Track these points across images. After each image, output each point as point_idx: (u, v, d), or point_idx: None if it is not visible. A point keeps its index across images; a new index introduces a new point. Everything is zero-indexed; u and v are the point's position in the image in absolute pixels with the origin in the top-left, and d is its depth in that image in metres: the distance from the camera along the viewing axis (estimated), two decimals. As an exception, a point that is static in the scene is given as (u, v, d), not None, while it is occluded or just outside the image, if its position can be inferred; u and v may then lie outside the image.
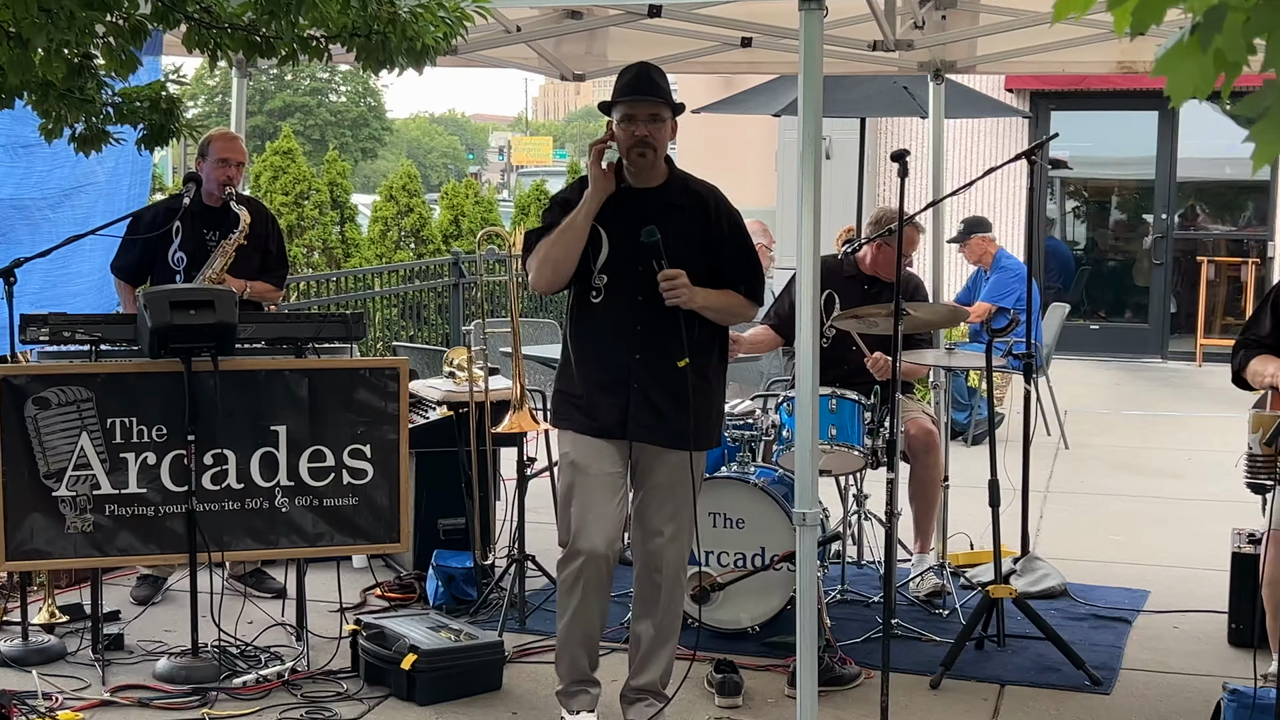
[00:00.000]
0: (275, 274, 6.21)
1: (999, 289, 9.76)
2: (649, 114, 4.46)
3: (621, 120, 4.46)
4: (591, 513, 4.50)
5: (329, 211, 14.03)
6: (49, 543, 4.86)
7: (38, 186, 6.07)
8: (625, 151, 4.47)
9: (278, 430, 5.04)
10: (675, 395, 4.51)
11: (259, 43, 2.93)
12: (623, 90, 4.48)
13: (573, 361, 4.62)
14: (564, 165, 28.81)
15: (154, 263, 6.02)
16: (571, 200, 4.56)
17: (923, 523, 6.18)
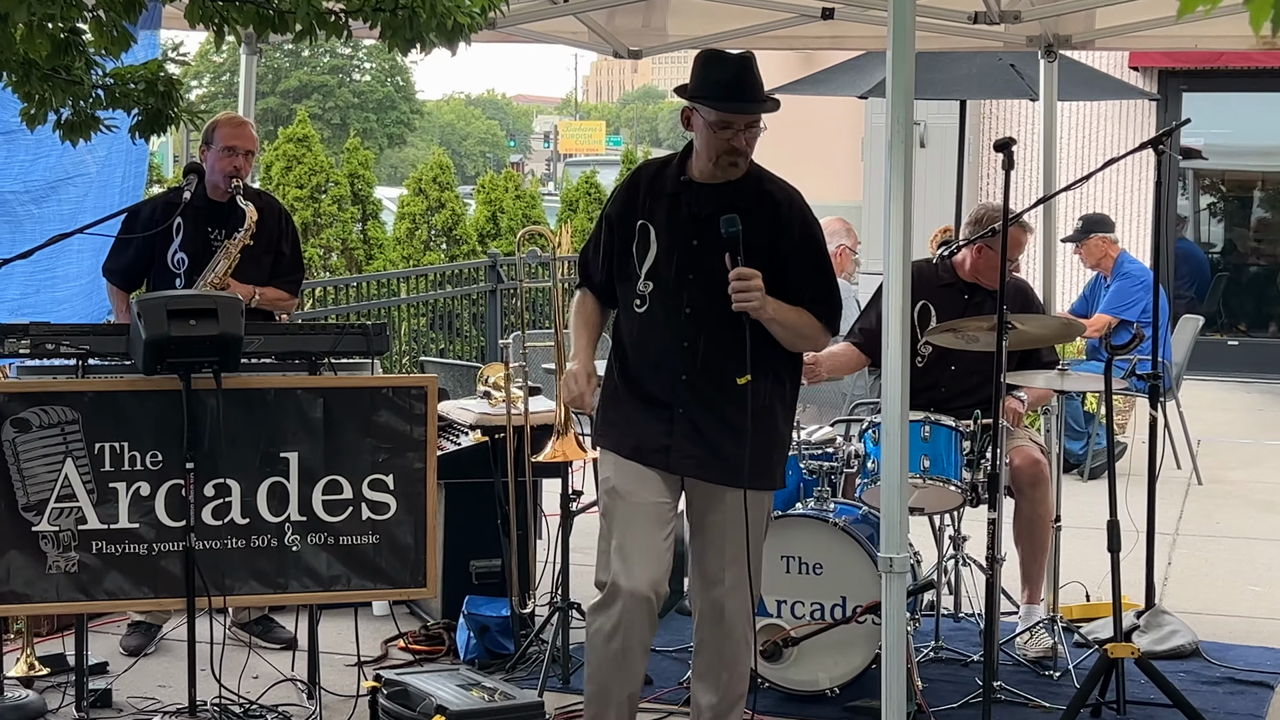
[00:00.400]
0: (288, 279, 6.26)
1: (1121, 299, 9.69)
2: (749, 122, 4.47)
3: (715, 124, 4.45)
4: (633, 547, 4.50)
5: (349, 207, 14.13)
6: (28, 584, 4.89)
7: (20, 178, 6.16)
8: (713, 157, 4.48)
9: (288, 458, 5.06)
10: (728, 424, 4.50)
11: (270, 17, 2.95)
12: (721, 93, 4.45)
13: (616, 371, 4.67)
14: (618, 153, 28.88)
15: (151, 265, 6.09)
16: (616, 223, 4.64)
17: (1031, 569, 6.13)
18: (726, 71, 4.46)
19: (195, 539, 4.91)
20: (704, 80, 4.48)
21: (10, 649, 5.64)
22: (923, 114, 14.35)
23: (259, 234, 6.10)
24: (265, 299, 6.08)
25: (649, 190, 4.62)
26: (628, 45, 7.21)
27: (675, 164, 4.63)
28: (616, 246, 4.64)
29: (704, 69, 4.50)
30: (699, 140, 4.52)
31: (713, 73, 4.48)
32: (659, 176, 4.64)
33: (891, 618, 4.26)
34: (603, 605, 4.55)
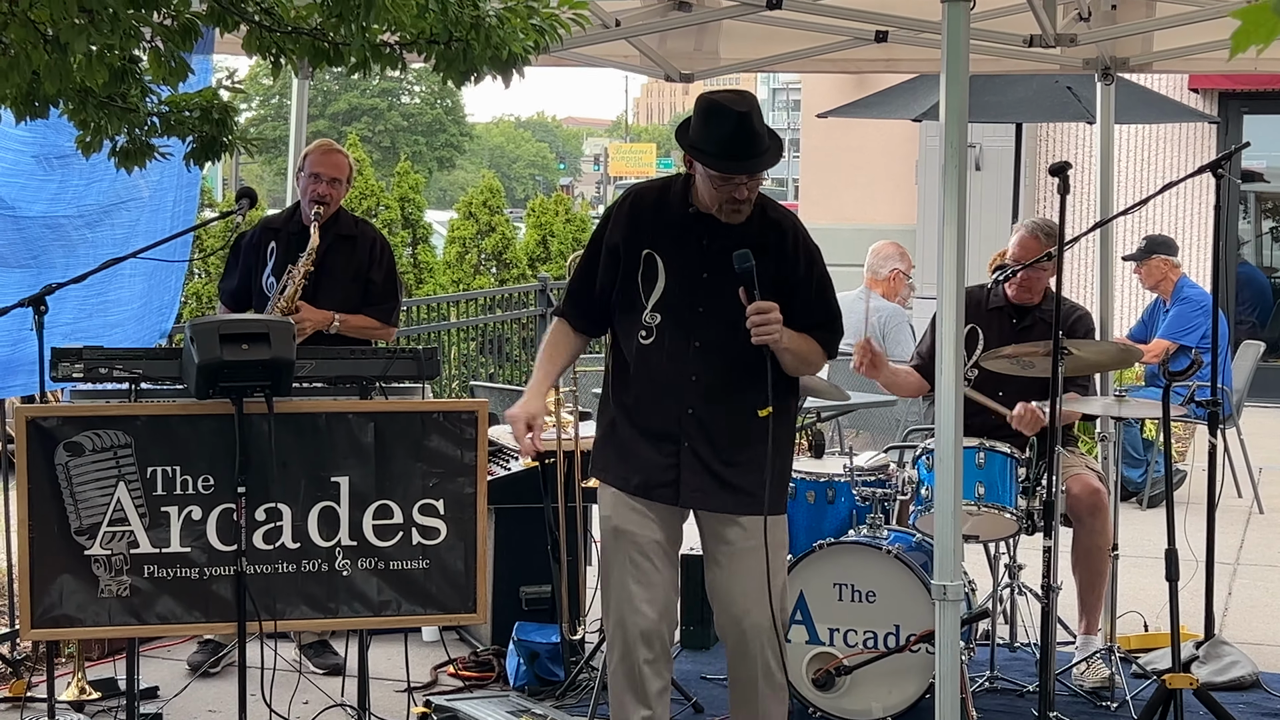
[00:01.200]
0: (381, 307, 6.31)
1: (1180, 324, 9.66)
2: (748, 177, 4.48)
3: (716, 180, 4.44)
4: (636, 587, 4.55)
5: (400, 231, 14.24)
6: (80, 608, 4.94)
7: (74, 203, 6.24)
8: (715, 205, 4.49)
9: (339, 482, 5.10)
10: (732, 455, 4.55)
11: (326, 49, 3.00)
12: (719, 150, 4.39)
13: (612, 404, 4.67)
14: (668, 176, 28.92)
15: (253, 288, 6.22)
16: (621, 251, 4.61)
17: (1088, 599, 6.12)
18: (725, 127, 4.39)
19: (246, 563, 4.92)
20: (704, 134, 4.42)
21: (61, 673, 5.71)
22: (979, 136, 14.37)
23: (349, 261, 6.19)
24: (349, 325, 6.14)
25: (653, 219, 4.60)
26: (679, 69, 7.26)
27: (677, 191, 4.61)
28: (619, 275, 4.61)
29: (704, 121, 4.43)
30: (702, 186, 4.50)
31: (713, 128, 4.41)
32: (661, 205, 4.61)
33: (945, 646, 4.27)
34: (614, 645, 4.59)
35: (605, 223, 4.70)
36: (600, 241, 4.68)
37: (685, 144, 4.49)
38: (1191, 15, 6.00)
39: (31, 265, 6.09)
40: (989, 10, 5.95)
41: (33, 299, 5.26)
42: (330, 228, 6.17)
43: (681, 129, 4.52)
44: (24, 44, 2.85)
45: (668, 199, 4.61)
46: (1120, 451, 7.30)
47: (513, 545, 6.35)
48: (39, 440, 4.86)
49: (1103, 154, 6.75)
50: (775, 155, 4.47)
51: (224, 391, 4.85)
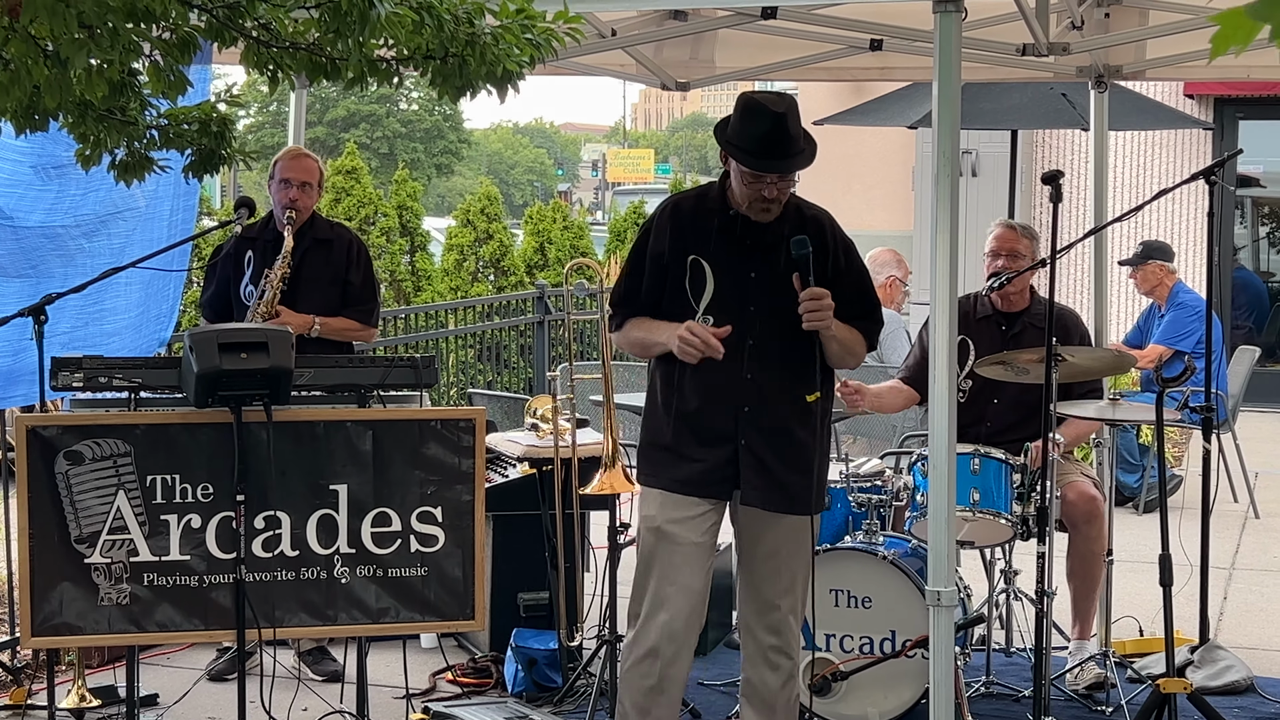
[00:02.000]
0: (360, 308, 6.34)
1: (1175, 330, 9.69)
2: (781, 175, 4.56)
3: (747, 176, 4.53)
4: (674, 587, 4.59)
5: (397, 239, 14.27)
6: (80, 616, 4.97)
7: (70, 212, 6.27)
8: (745, 203, 4.58)
9: (337, 490, 5.13)
10: (787, 452, 4.62)
11: (323, 64, 3.03)
12: (756, 147, 4.50)
13: (661, 410, 4.71)
14: (666, 182, 28.97)
15: (232, 298, 6.24)
16: (668, 260, 4.63)
17: (1082, 604, 6.15)
18: (762, 125, 4.50)
19: (245, 571, 4.96)
20: (741, 131, 4.54)
21: (62, 680, 5.73)
22: (975, 143, 14.41)
23: (326, 264, 6.22)
24: (329, 329, 6.17)
25: (694, 225, 4.67)
26: (675, 77, 7.29)
27: (715, 196, 4.70)
28: (668, 284, 4.67)
29: (742, 119, 4.55)
30: (737, 184, 4.60)
31: (750, 126, 4.52)
32: (700, 211, 4.70)
33: (939, 651, 4.30)
34: (638, 642, 4.63)
35: (646, 236, 4.74)
36: (644, 254, 4.72)
37: (722, 140, 4.59)
38: (1184, 23, 6.04)
39: (30, 275, 6.12)
40: (982, 19, 6.00)
41: (33, 309, 5.29)
42: (306, 232, 6.20)
43: (720, 126, 4.63)
44: (25, 59, 2.88)
45: (706, 205, 4.69)
46: (1116, 457, 7.34)
47: (511, 552, 6.37)
48: (39, 449, 4.89)
49: (1097, 160, 6.78)
50: (809, 158, 4.58)
51: (223, 400, 4.88)
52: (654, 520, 4.68)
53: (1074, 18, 5.84)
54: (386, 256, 14.12)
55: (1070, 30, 5.95)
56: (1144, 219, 14.04)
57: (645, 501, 4.76)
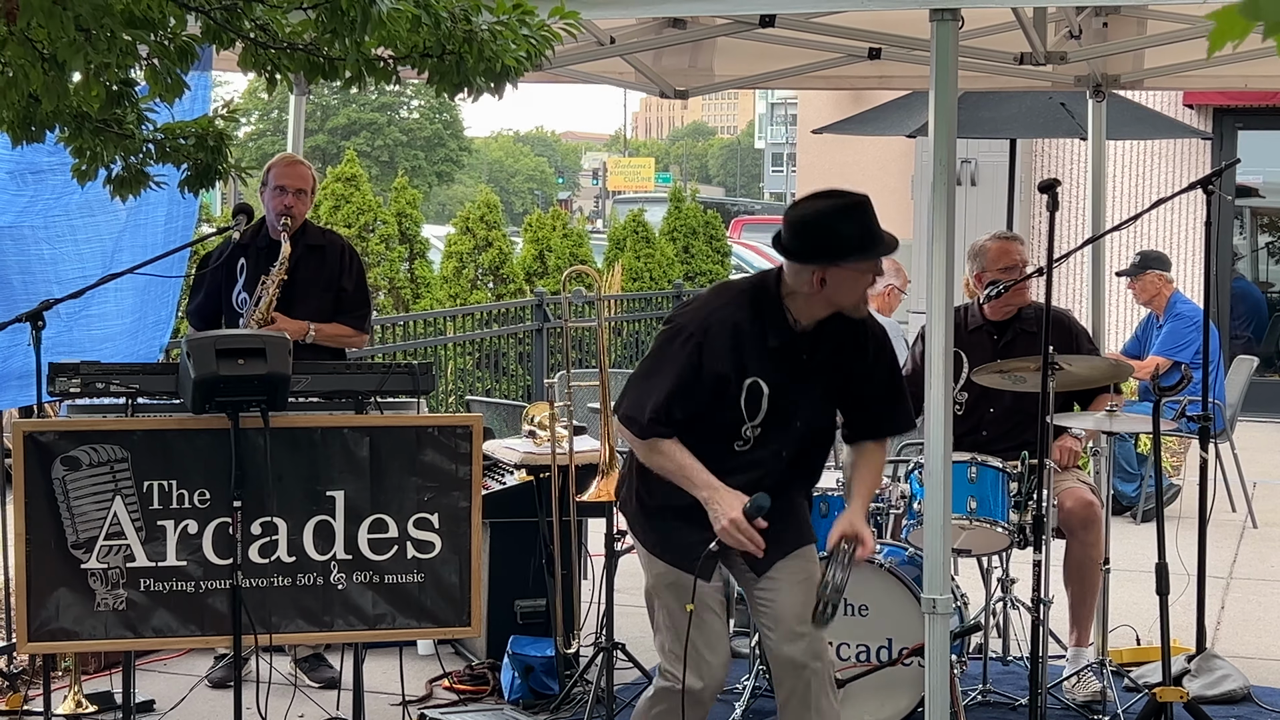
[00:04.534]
0: (353, 314, 6.35)
1: (1174, 340, 9.69)
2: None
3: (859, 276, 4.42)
4: (704, 642, 4.54)
5: (397, 246, 14.26)
6: (76, 621, 4.98)
7: (41, 214, 6.26)
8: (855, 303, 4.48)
9: (334, 496, 5.14)
10: (790, 519, 4.62)
11: (321, 64, 3.04)
12: (868, 244, 4.39)
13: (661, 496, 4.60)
14: (666, 191, 29.00)
15: (223, 305, 6.24)
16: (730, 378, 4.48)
17: (1079, 612, 6.15)
18: (859, 218, 4.42)
19: (242, 577, 4.96)
20: (847, 233, 4.39)
21: (58, 686, 5.74)
22: (973, 152, 14.43)
23: (319, 271, 6.23)
24: (324, 335, 6.18)
25: (756, 348, 4.51)
26: (674, 85, 7.30)
27: (772, 315, 4.53)
28: (724, 399, 4.52)
29: (835, 222, 4.42)
30: (844, 292, 4.42)
31: (847, 224, 4.41)
32: (759, 332, 4.52)
33: (935, 659, 4.31)
34: (665, 696, 4.59)
35: (698, 352, 4.48)
36: (697, 371, 4.48)
37: (826, 259, 4.37)
38: (1182, 33, 6.05)
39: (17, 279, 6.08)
40: (980, 29, 6.01)
41: (30, 314, 5.29)
42: (298, 239, 6.20)
43: (804, 249, 4.42)
44: (21, 62, 2.89)
45: (763, 325, 4.52)
46: (1113, 466, 7.34)
47: (507, 559, 6.38)
48: (36, 455, 4.90)
49: (1095, 170, 6.79)
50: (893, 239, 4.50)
51: (220, 406, 4.88)
52: (664, 578, 4.61)
53: (1072, 27, 5.85)
54: (385, 264, 14.11)
55: (1068, 39, 5.96)
56: (1142, 228, 14.06)
57: (653, 562, 4.66)
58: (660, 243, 17.17)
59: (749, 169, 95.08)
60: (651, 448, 4.51)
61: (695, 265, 17.40)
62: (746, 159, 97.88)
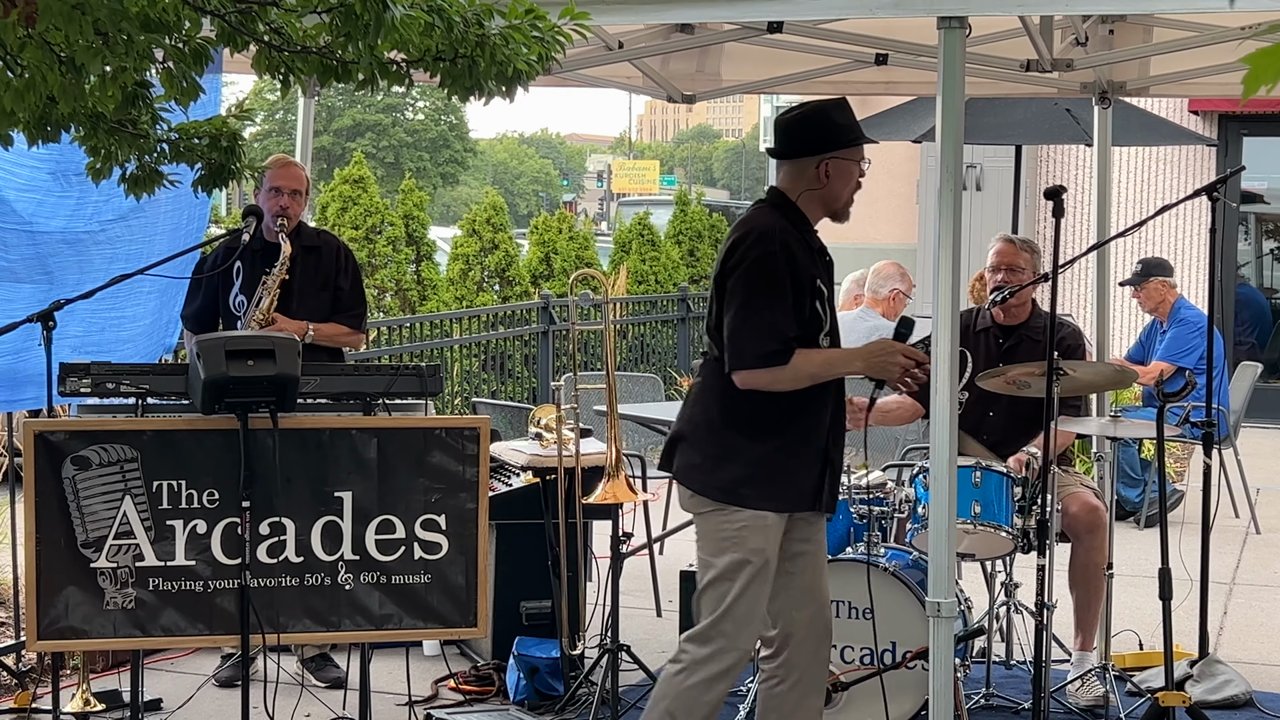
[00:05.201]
0: (350, 314, 6.37)
1: (1178, 346, 9.70)
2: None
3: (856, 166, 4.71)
4: (758, 611, 4.65)
5: (404, 248, 14.30)
6: (85, 620, 5.00)
7: (94, 218, 6.28)
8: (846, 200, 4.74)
9: (342, 497, 5.16)
10: (842, 454, 4.80)
11: (335, 67, 3.07)
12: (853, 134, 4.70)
13: (764, 430, 4.63)
14: (671, 194, 29.01)
15: (220, 309, 6.26)
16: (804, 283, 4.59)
17: (1083, 617, 6.17)
18: (848, 111, 4.74)
19: (250, 577, 4.97)
20: (846, 124, 4.70)
21: (66, 684, 5.75)
22: (979, 157, 14.45)
23: (316, 271, 6.25)
24: (322, 335, 6.20)
25: (804, 251, 4.65)
26: (681, 90, 7.32)
27: (795, 219, 4.69)
28: (805, 307, 4.62)
29: (833, 116, 4.69)
30: (841, 185, 4.68)
31: (845, 117, 4.71)
32: (791, 234, 4.65)
33: (939, 662, 4.32)
34: (719, 656, 4.62)
35: (776, 261, 4.57)
36: (794, 276, 4.58)
37: (830, 146, 4.65)
38: (1188, 40, 6.07)
39: (42, 280, 6.12)
40: (986, 35, 6.03)
41: (41, 314, 5.31)
42: (294, 240, 6.21)
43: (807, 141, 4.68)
44: (40, 65, 2.92)
45: (792, 225, 4.68)
46: (1116, 471, 7.36)
47: (513, 560, 6.40)
48: (47, 454, 4.92)
49: (1100, 176, 6.81)
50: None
51: (229, 407, 4.90)
52: (764, 554, 4.60)
53: (1078, 34, 5.86)
54: (392, 265, 14.15)
55: (1074, 46, 5.97)
56: (1147, 235, 14.07)
57: (753, 531, 4.61)
58: (666, 246, 17.20)
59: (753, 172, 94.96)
60: (794, 366, 4.54)
61: (701, 268, 17.43)
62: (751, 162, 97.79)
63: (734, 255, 4.62)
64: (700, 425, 4.74)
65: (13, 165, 5.91)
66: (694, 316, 14.85)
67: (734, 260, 4.61)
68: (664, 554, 8.13)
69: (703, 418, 4.74)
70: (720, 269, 4.67)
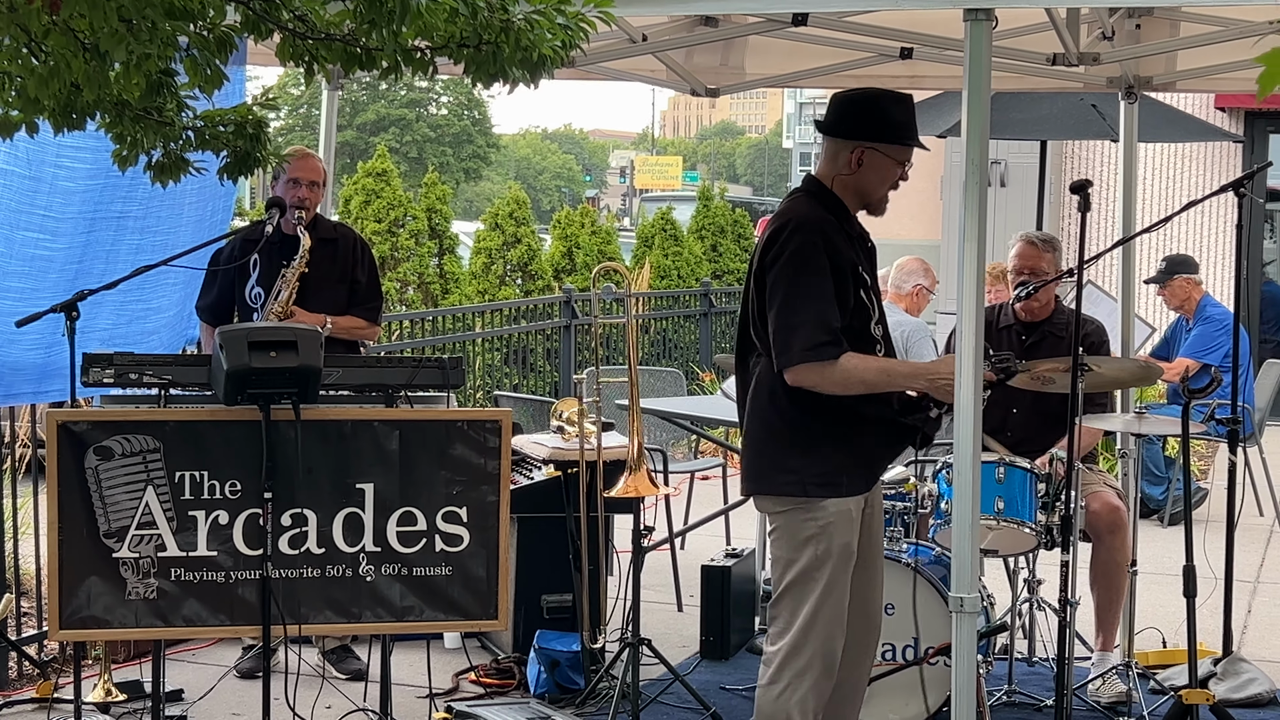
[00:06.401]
0: (366, 306, 6.38)
1: (1203, 343, 9.65)
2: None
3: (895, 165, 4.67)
4: (844, 605, 4.60)
5: (426, 241, 14.30)
6: (107, 610, 5.00)
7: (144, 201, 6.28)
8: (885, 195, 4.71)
9: (364, 489, 5.15)
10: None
11: (358, 54, 3.06)
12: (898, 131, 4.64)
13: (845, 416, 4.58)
14: (694, 189, 29.00)
15: (235, 301, 6.25)
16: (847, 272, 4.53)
17: (1105, 615, 6.14)
18: (906, 108, 4.66)
19: (272, 568, 4.99)
20: (896, 120, 4.62)
21: (88, 674, 5.77)
22: (1004, 153, 14.39)
23: (333, 264, 6.25)
24: (339, 327, 6.20)
25: (844, 238, 4.59)
26: (705, 84, 7.31)
27: (832, 206, 4.63)
28: (851, 295, 4.56)
29: (886, 108, 4.63)
30: (874, 178, 4.61)
31: (898, 112, 4.63)
32: (830, 221, 4.59)
33: (961, 658, 4.31)
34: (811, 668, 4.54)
35: (818, 252, 4.48)
36: (836, 265, 4.51)
37: (870, 136, 4.59)
38: (1215, 35, 6.03)
39: (70, 270, 6.10)
40: (1012, 29, 6.00)
41: (64, 305, 5.31)
42: (311, 232, 6.21)
43: (850, 124, 4.61)
44: (64, 52, 2.92)
45: (838, 218, 4.62)
46: (1141, 468, 7.32)
47: (535, 554, 6.39)
48: (69, 444, 4.92)
49: (1125, 172, 6.78)
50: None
51: (252, 398, 4.91)
52: (850, 547, 4.56)
53: (1105, 28, 5.84)
54: (415, 259, 14.15)
55: (1101, 41, 5.95)
56: (1172, 232, 14.02)
57: (839, 521, 4.53)
58: (688, 241, 17.18)
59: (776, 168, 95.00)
60: (846, 366, 4.42)
61: (723, 264, 17.41)
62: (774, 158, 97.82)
63: (772, 248, 4.52)
64: (759, 427, 4.65)
65: (72, 151, 5.90)
66: (716, 312, 14.84)
67: (773, 253, 4.51)
68: (685, 548, 8.12)
69: (758, 418, 4.64)
70: (759, 263, 4.56)
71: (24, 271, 5.90)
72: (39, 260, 5.95)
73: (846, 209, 4.63)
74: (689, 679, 6.08)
